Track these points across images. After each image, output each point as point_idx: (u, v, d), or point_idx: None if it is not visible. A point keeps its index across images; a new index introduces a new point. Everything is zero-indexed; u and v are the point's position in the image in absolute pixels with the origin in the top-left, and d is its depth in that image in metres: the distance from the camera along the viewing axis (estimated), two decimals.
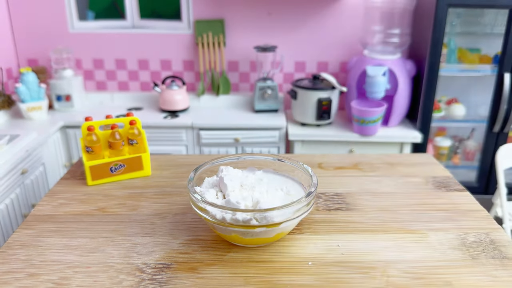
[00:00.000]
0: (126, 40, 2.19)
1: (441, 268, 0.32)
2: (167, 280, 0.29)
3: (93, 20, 2.30)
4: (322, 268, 0.32)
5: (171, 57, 2.22)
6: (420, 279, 0.30)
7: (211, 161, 0.40)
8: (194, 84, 2.26)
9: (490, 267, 0.32)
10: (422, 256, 0.33)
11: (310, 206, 0.34)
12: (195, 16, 2.15)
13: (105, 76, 2.26)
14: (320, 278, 0.30)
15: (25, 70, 1.90)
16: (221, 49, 2.16)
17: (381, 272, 0.31)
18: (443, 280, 0.30)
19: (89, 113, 1.97)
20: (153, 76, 2.26)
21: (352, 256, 0.33)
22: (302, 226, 0.37)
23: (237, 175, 0.37)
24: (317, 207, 0.40)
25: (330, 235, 0.36)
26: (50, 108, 2.08)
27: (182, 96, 2.06)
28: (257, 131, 1.94)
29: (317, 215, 0.39)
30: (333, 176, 0.48)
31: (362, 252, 0.34)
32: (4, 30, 2.12)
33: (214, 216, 0.31)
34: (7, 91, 2.07)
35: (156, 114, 2.05)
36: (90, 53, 2.22)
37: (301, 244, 0.35)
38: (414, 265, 0.32)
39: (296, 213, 0.32)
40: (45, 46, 2.18)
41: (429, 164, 0.63)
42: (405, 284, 0.30)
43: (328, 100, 1.88)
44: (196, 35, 2.15)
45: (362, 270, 0.32)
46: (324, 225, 0.37)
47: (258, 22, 2.14)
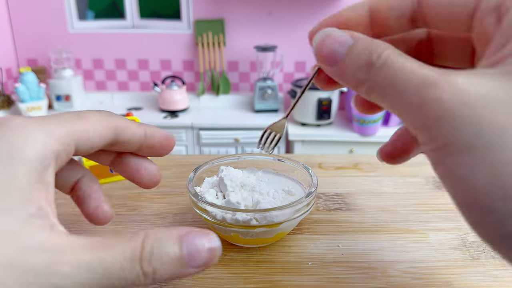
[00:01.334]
0: (125, 40, 2.19)
1: (442, 268, 0.32)
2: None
3: (93, 19, 2.30)
4: (322, 268, 0.31)
5: (171, 57, 2.22)
6: (421, 279, 0.30)
7: (211, 161, 0.40)
8: (194, 84, 2.26)
9: (491, 267, 0.32)
10: (423, 256, 0.33)
11: (310, 206, 0.34)
12: (195, 16, 2.14)
13: (105, 76, 2.26)
14: (320, 279, 0.30)
15: (24, 70, 1.90)
16: (221, 49, 2.15)
17: (381, 273, 0.31)
18: (444, 280, 0.30)
19: None
20: (152, 76, 2.25)
21: (352, 256, 0.33)
22: (302, 226, 0.37)
23: (237, 175, 0.37)
24: (317, 207, 0.40)
25: (330, 236, 0.36)
26: (50, 108, 2.08)
27: (182, 96, 2.06)
28: (257, 131, 1.94)
29: (317, 215, 0.39)
30: (333, 176, 0.48)
31: (362, 252, 0.33)
32: (4, 30, 2.11)
33: (214, 216, 0.31)
34: (6, 91, 2.07)
35: (155, 114, 2.05)
36: (90, 53, 2.22)
37: (301, 244, 0.35)
38: (415, 265, 0.32)
39: (296, 213, 0.32)
40: (45, 46, 2.18)
41: (429, 164, 0.63)
42: (405, 284, 0.30)
43: (328, 100, 1.87)
44: (196, 35, 2.14)
45: (362, 270, 0.31)
46: (324, 225, 0.37)
47: (258, 22, 2.13)
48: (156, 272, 0.20)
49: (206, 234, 0.21)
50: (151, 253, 0.20)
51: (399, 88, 0.18)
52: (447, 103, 0.16)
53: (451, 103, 0.16)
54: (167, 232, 0.21)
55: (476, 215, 0.16)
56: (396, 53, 0.19)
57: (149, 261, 0.20)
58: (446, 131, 0.16)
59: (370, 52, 0.19)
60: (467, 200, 0.16)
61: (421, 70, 0.18)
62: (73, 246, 0.19)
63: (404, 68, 0.18)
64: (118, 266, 0.19)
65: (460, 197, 0.17)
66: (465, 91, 0.16)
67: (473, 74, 0.17)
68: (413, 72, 0.18)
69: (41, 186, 0.20)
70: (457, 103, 0.16)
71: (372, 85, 0.19)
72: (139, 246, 0.20)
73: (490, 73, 0.17)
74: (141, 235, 0.20)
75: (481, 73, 0.17)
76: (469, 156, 0.16)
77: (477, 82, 0.16)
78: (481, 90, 0.16)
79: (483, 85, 0.16)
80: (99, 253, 0.19)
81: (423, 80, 0.17)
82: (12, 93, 2.08)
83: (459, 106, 0.16)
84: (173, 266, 0.20)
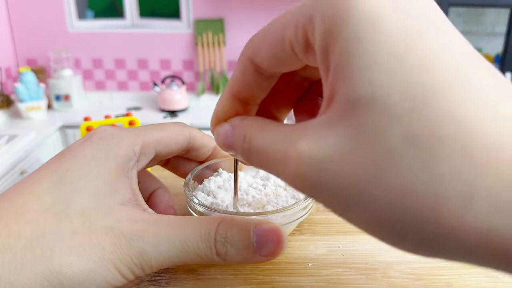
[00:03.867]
0: (125, 40, 2.19)
1: (442, 269, 0.31)
2: (166, 282, 0.29)
3: (93, 19, 2.30)
4: (322, 269, 0.31)
5: (171, 57, 2.22)
6: (421, 280, 0.30)
7: (209, 162, 0.40)
8: (193, 84, 2.26)
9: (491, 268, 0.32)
10: (423, 257, 0.33)
11: (309, 208, 0.33)
12: (195, 16, 2.14)
13: (104, 75, 2.26)
14: (320, 280, 0.30)
15: (24, 70, 1.90)
16: (221, 48, 2.15)
17: (382, 273, 0.31)
18: (444, 281, 0.30)
19: (88, 113, 1.97)
20: (152, 75, 2.25)
21: (352, 257, 0.33)
22: (302, 227, 0.37)
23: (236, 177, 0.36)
24: (317, 207, 0.40)
25: (331, 236, 0.36)
26: (49, 108, 2.08)
27: (182, 96, 2.06)
28: None
29: (317, 216, 0.39)
30: None
31: (362, 253, 0.33)
32: (3, 29, 2.11)
33: None
34: (5, 91, 2.07)
35: (155, 114, 2.05)
36: (89, 53, 2.22)
37: (301, 245, 0.35)
38: (415, 266, 0.32)
39: (295, 215, 0.32)
40: (44, 46, 2.17)
41: None
42: (406, 285, 0.30)
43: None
44: (195, 34, 2.14)
45: (363, 271, 0.31)
46: (324, 226, 0.37)
47: (258, 22, 2.13)
48: (228, 254, 0.23)
49: (274, 228, 0.24)
50: (226, 236, 0.23)
51: (270, 167, 0.18)
52: (300, 173, 0.16)
53: (304, 173, 0.16)
54: (242, 221, 0.24)
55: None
56: (254, 130, 0.19)
57: (223, 244, 0.23)
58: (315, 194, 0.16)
59: (243, 137, 0.20)
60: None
61: (274, 146, 0.18)
62: (158, 222, 0.23)
63: (266, 147, 0.18)
64: (194, 242, 0.23)
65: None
66: (312, 158, 0.16)
67: (316, 131, 0.16)
68: (270, 149, 0.18)
69: (127, 178, 0.25)
70: (309, 171, 0.16)
71: (253, 163, 0.20)
72: (215, 228, 0.23)
73: (328, 120, 0.16)
74: (218, 219, 0.24)
75: (323, 123, 0.16)
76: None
77: (319, 144, 0.15)
78: (325, 153, 0.15)
79: (325, 146, 0.15)
80: (178, 228, 0.23)
81: (278, 154, 0.17)
82: (11, 93, 2.07)
83: (313, 173, 0.16)
84: (243, 251, 0.23)
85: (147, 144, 0.27)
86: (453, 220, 0.13)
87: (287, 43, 0.18)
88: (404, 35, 0.14)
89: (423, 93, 0.14)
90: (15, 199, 0.22)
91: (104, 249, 0.21)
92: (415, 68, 0.14)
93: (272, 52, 0.19)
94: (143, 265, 0.22)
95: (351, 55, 0.15)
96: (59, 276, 0.20)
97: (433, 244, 0.14)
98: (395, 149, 0.14)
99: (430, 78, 0.14)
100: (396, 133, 0.14)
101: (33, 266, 0.20)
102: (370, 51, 0.14)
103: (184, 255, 0.23)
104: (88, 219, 0.22)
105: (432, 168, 0.13)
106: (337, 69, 0.15)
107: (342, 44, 0.15)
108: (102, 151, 0.25)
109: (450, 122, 0.13)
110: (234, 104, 0.22)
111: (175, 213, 0.32)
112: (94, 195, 0.23)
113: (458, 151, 0.13)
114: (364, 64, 0.14)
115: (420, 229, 0.14)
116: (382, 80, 0.14)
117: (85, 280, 0.21)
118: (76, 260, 0.21)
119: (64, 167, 0.23)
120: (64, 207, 0.22)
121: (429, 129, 0.13)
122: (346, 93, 0.15)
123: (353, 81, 0.14)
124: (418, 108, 0.14)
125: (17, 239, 0.20)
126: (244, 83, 0.21)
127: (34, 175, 0.24)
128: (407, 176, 0.14)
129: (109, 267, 0.21)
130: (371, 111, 0.14)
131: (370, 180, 0.14)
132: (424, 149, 0.13)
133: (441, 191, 0.13)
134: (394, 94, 0.14)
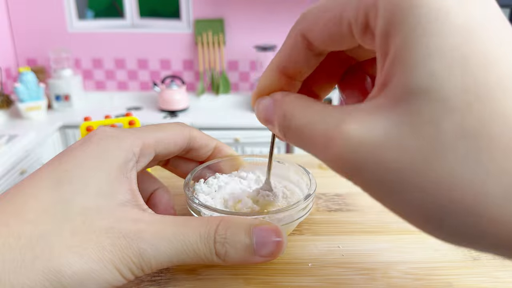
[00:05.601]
0: (125, 40, 2.19)
1: (442, 269, 0.31)
2: (166, 282, 0.29)
3: (92, 19, 2.30)
4: (322, 269, 0.31)
5: (171, 57, 2.22)
6: (421, 280, 0.30)
7: (209, 162, 0.40)
8: (193, 84, 2.26)
9: (491, 268, 0.32)
10: (423, 257, 0.33)
11: (309, 209, 0.33)
12: (195, 15, 2.14)
13: (104, 75, 2.26)
14: (320, 280, 0.30)
15: (24, 70, 1.90)
16: (220, 48, 2.15)
17: (382, 274, 0.31)
18: (444, 281, 0.30)
19: (88, 113, 1.98)
20: (152, 75, 2.25)
21: (352, 257, 0.33)
22: (302, 227, 0.37)
23: (236, 177, 0.36)
24: (317, 207, 0.40)
25: (331, 236, 0.36)
26: (49, 108, 2.08)
27: (182, 96, 2.06)
28: (257, 131, 1.94)
29: (317, 216, 0.39)
30: (333, 177, 0.48)
31: (362, 253, 0.33)
32: (3, 29, 2.11)
33: None
34: (5, 91, 2.07)
35: (155, 114, 2.05)
36: (89, 53, 2.22)
37: (301, 245, 0.34)
38: (415, 266, 0.32)
39: (295, 215, 0.32)
40: (44, 46, 2.18)
41: None
42: (405, 285, 0.29)
43: (328, 100, 1.88)
44: (195, 34, 2.14)
45: (362, 271, 0.31)
46: (324, 226, 0.37)
47: (258, 22, 2.13)
48: (227, 255, 0.23)
49: (274, 228, 0.24)
50: (225, 237, 0.23)
51: (309, 147, 0.19)
52: (343, 155, 0.16)
53: (348, 155, 0.16)
54: (241, 221, 0.24)
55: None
56: (296, 108, 0.20)
57: (222, 244, 0.23)
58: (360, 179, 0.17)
59: (284, 114, 0.21)
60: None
61: (316, 125, 0.18)
62: (158, 221, 0.23)
63: (306, 126, 0.19)
64: (193, 243, 0.23)
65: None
66: (358, 141, 0.16)
67: (364, 115, 0.16)
68: (311, 128, 0.18)
69: (127, 179, 0.25)
70: (354, 154, 0.16)
71: (291, 140, 0.21)
72: (214, 229, 0.23)
73: (379, 105, 0.16)
74: (217, 219, 0.24)
75: (373, 108, 0.16)
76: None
77: (368, 128, 0.16)
78: (373, 137, 0.15)
79: (374, 130, 0.16)
80: (178, 228, 0.23)
81: (320, 134, 0.18)
82: (11, 93, 2.07)
83: (357, 157, 0.16)
84: (243, 252, 0.23)
85: (146, 145, 0.27)
86: (495, 215, 0.14)
87: (345, 22, 0.18)
88: (467, 30, 0.15)
89: (479, 90, 0.14)
90: (15, 199, 0.22)
91: (104, 249, 0.22)
92: (475, 65, 0.14)
93: (327, 29, 0.19)
94: (142, 265, 0.23)
95: (413, 44, 0.15)
96: (59, 275, 0.20)
97: (470, 235, 0.15)
98: (447, 141, 0.14)
99: (487, 76, 0.14)
100: (450, 126, 0.14)
101: (33, 265, 0.20)
102: (433, 43, 0.15)
103: (183, 256, 0.23)
104: (88, 219, 0.22)
105: (481, 164, 0.14)
106: (397, 57, 0.15)
107: (404, 33, 0.15)
108: (102, 152, 0.25)
109: (501, 121, 0.14)
110: (278, 79, 0.22)
111: (175, 213, 0.32)
112: (93, 196, 0.23)
113: (506, 149, 0.14)
114: (427, 55, 0.15)
115: (460, 221, 0.14)
116: (443, 73, 0.14)
117: (85, 280, 0.21)
118: (76, 260, 0.21)
119: (64, 167, 0.24)
120: (64, 207, 0.22)
121: (481, 126, 0.14)
122: (404, 81, 0.15)
123: (413, 70, 0.15)
124: (473, 103, 0.14)
125: (17, 239, 0.20)
126: (292, 58, 0.21)
127: (34, 175, 0.24)
128: (456, 168, 0.14)
129: (109, 267, 0.22)
130: (428, 101, 0.14)
131: (418, 168, 0.15)
132: (475, 144, 0.14)
133: (488, 186, 0.14)
134: (453, 88, 0.14)
